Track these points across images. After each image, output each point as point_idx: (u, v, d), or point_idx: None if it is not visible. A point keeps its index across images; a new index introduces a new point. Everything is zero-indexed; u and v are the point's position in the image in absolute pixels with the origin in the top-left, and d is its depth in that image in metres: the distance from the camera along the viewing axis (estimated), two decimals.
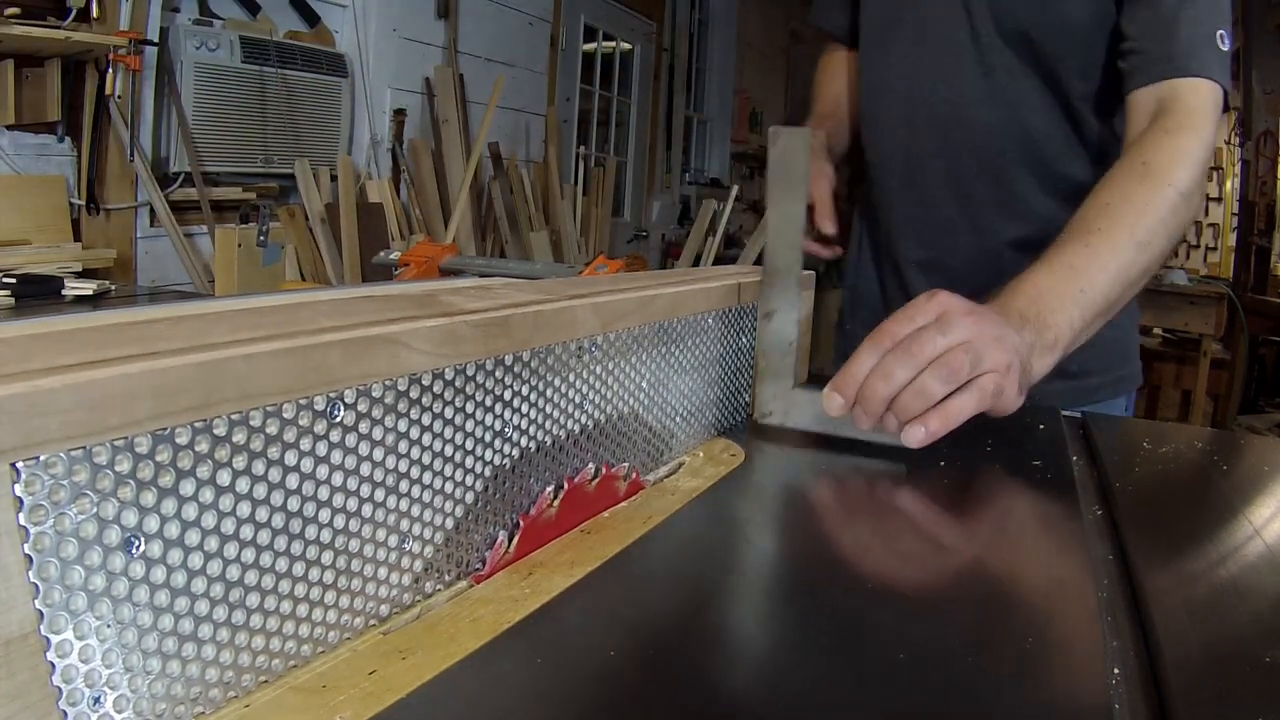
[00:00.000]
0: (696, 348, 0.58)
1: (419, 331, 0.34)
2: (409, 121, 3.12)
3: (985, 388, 0.55)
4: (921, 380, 0.54)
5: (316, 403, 0.30)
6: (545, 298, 0.43)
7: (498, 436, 0.40)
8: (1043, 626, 0.37)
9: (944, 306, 0.57)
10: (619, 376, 0.49)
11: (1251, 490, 0.60)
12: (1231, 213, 5.26)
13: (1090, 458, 0.65)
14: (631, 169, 5.01)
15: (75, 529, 0.24)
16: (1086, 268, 0.67)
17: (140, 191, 2.30)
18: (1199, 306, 3.31)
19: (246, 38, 2.46)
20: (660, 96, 5.12)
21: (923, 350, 0.55)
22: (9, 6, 1.83)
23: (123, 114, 2.15)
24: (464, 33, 3.33)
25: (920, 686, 0.31)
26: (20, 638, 0.23)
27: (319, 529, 0.31)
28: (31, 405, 0.22)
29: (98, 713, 0.25)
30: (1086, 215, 0.71)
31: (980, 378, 0.55)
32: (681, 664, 0.32)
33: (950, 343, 0.55)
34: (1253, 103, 4.93)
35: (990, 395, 0.56)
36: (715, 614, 0.37)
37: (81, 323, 0.39)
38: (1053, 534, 0.49)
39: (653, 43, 4.99)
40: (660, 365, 0.54)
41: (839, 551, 0.46)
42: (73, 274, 1.81)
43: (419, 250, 1.09)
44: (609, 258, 1.08)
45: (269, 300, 0.51)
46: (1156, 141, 0.74)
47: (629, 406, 0.51)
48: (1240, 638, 0.36)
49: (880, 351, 0.56)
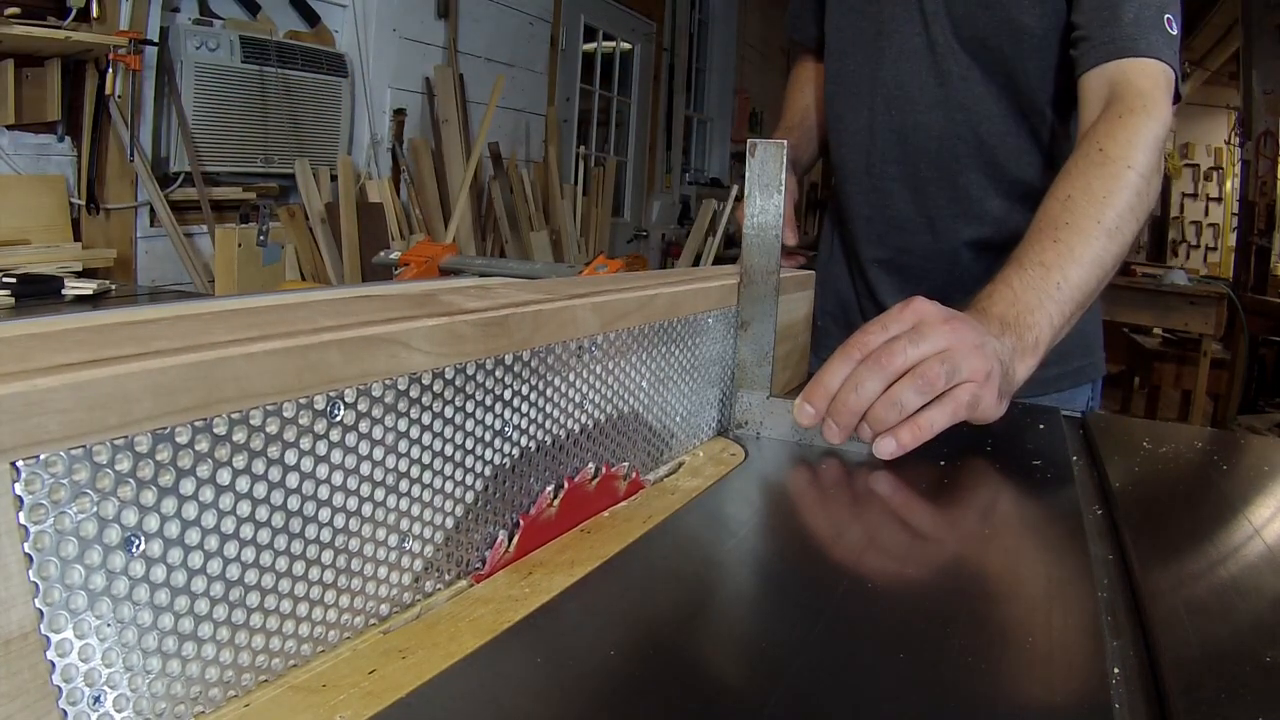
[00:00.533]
0: (696, 348, 0.58)
1: (419, 331, 0.34)
2: (409, 121, 3.12)
3: (960, 399, 0.55)
4: (894, 391, 0.54)
5: (316, 402, 0.30)
6: (545, 297, 0.43)
7: (498, 436, 0.40)
8: (1043, 626, 0.37)
9: (920, 315, 0.56)
10: (619, 376, 0.49)
11: (1251, 490, 0.60)
12: (1231, 213, 5.26)
13: (1090, 458, 0.65)
14: (631, 169, 5.01)
15: (75, 528, 0.24)
16: (1059, 263, 0.66)
17: (140, 191, 2.30)
18: (1199, 306, 3.31)
19: (246, 38, 2.46)
20: (660, 96, 5.13)
21: (893, 361, 0.54)
22: (9, 6, 1.83)
23: (123, 114, 2.15)
24: (464, 33, 3.33)
25: (920, 686, 0.31)
26: (20, 636, 0.23)
27: (319, 528, 0.31)
28: (31, 404, 0.22)
29: (97, 712, 0.25)
30: (1051, 210, 0.71)
31: (956, 388, 0.55)
32: (681, 663, 0.32)
33: (924, 353, 0.54)
34: (1253, 103, 4.92)
35: (965, 406, 0.55)
36: (715, 613, 0.37)
37: (81, 323, 0.39)
38: (1053, 534, 0.49)
39: (653, 43, 4.99)
40: (660, 365, 0.54)
41: (838, 551, 0.46)
42: (73, 274, 1.81)
43: (419, 250, 1.09)
44: (609, 258, 1.09)
45: (269, 300, 0.51)
46: (1110, 128, 0.73)
47: (629, 406, 0.51)
48: (1240, 638, 0.36)
49: (851, 362, 0.56)
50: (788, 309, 0.73)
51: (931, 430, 0.55)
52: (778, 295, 0.62)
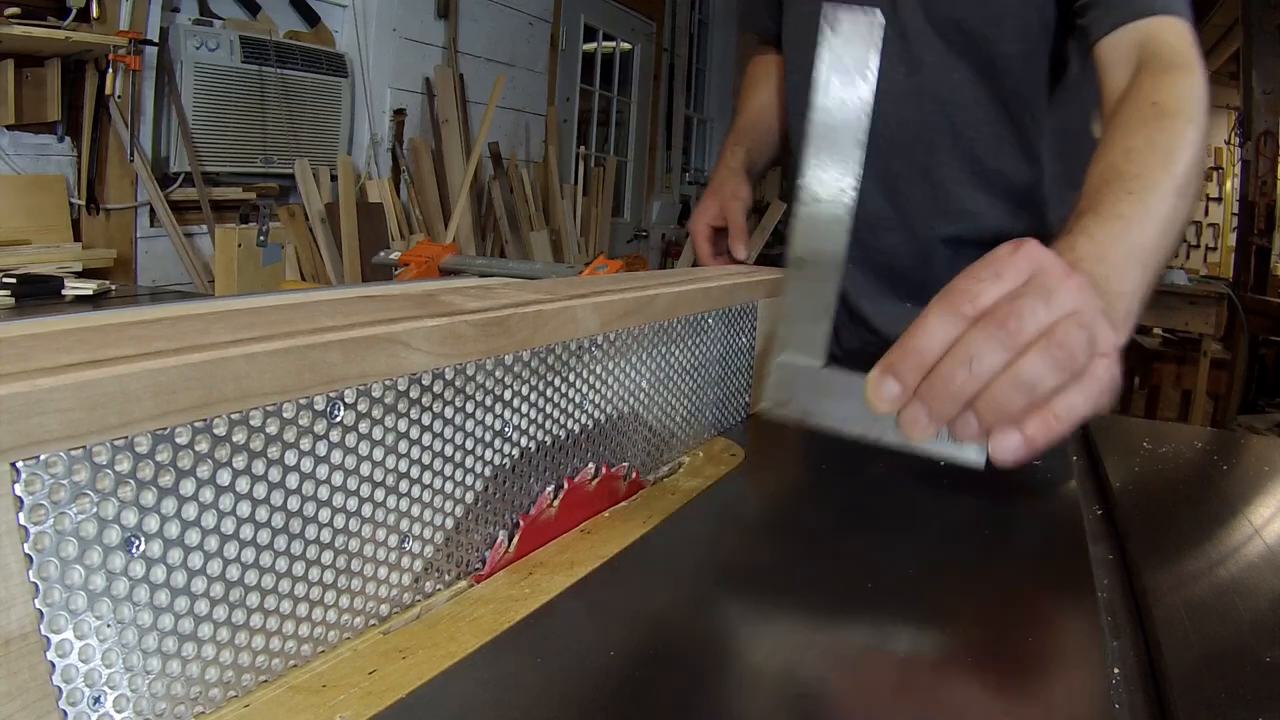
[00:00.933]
0: (696, 348, 0.58)
1: (419, 331, 0.34)
2: (409, 121, 3.12)
3: (1101, 379, 0.40)
4: (1023, 367, 0.38)
5: (316, 402, 0.30)
6: (545, 297, 0.43)
7: (498, 436, 0.40)
8: (1043, 626, 0.37)
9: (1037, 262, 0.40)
10: (619, 376, 0.49)
11: (1251, 490, 0.60)
12: (1231, 213, 5.26)
13: (1090, 458, 0.65)
14: (631, 169, 5.01)
15: (75, 528, 0.24)
16: (1138, 218, 0.54)
17: (140, 191, 2.30)
18: (1199, 306, 3.31)
19: (246, 38, 2.46)
20: (660, 96, 5.13)
21: (1023, 325, 0.38)
22: (9, 6, 1.83)
23: (123, 114, 2.15)
24: (464, 33, 3.33)
25: (920, 686, 0.31)
26: (20, 637, 0.23)
27: (319, 529, 0.31)
28: (31, 405, 0.22)
29: (97, 712, 0.25)
30: (1114, 162, 0.59)
31: (1094, 365, 0.40)
32: (681, 663, 0.32)
33: (1056, 315, 0.39)
34: (1253, 103, 4.92)
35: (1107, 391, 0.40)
36: (715, 614, 0.37)
37: (81, 323, 0.39)
38: (1053, 534, 0.49)
39: (653, 43, 4.99)
40: (660, 365, 0.54)
41: (838, 551, 0.46)
42: (73, 274, 1.81)
43: (419, 250, 1.10)
44: (609, 258, 1.09)
45: (269, 300, 0.51)
46: (1158, 83, 0.65)
47: (629, 406, 0.51)
48: (1240, 638, 0.36)
49: (960, 320, 0.39)
50: None
51: (1071, 422, 0.39)
52: (850, 223, 0.44)
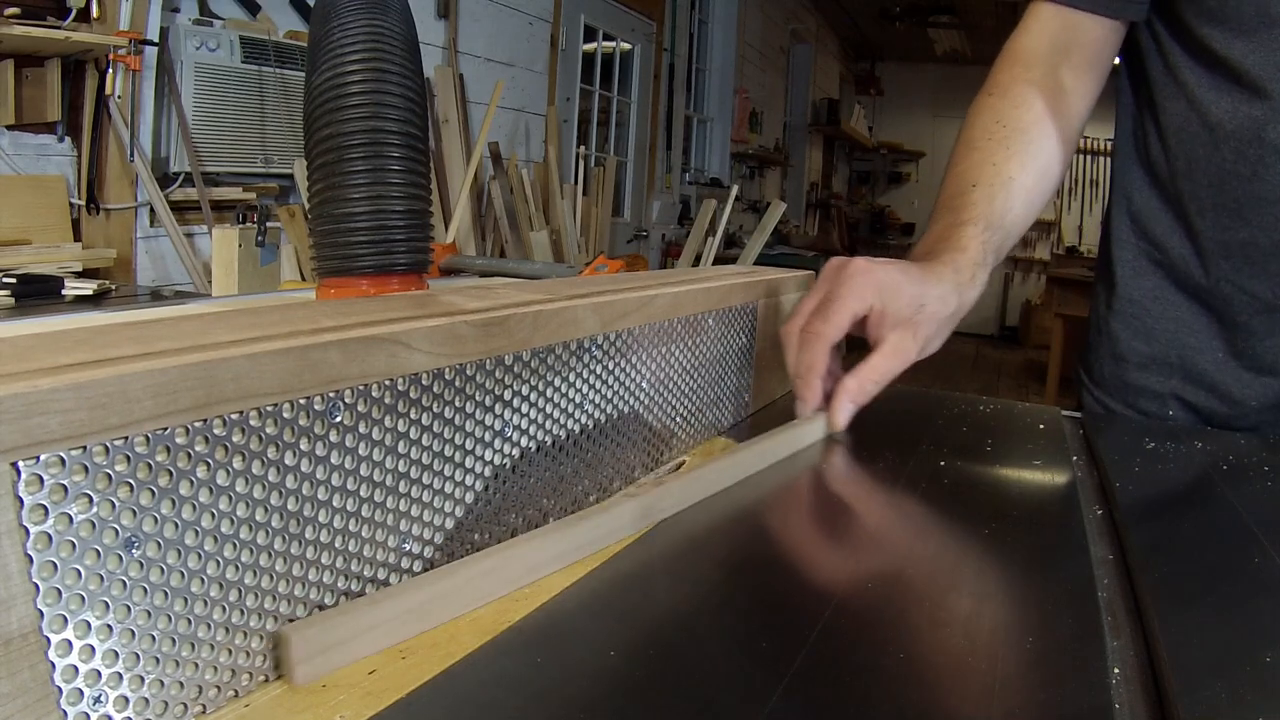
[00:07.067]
0: (696, 348, 0.58)
1: (418, 331, 0.34)
2: None
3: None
4: None
5: (315, 403, 0.30)
6: (545, 297, 0.43)
7: (498, 437, 0.40)
8: (1043, 626, 0.37)
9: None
10: (619, 376, 0.49)
11: (1252, 490, 0.60)
12: None
13: (1090, 458, 0.65)
14: (631, 169, 5.01)
15: (75, 529, 0.24)
16: None
17: (140, 191, 2.30)
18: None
19: (246, 38, 2.46)
20: (660, 96, 5.12)
21: None
22: (9, 6, 1.83)
23: (123, 114, 2.15)
24: (464, 33, 3.33)
25: (920, 686, 0.31)
26: (20, 637, 0.23)
27: (318, 529, 0.31)
28: (32, 405, 0.22)
29: (97, 712, 0.25)
30: None
31: None
32: (681, 663, 0.32)
33: None
34: None
35: None
36: (715, 613, 0.37)
37: (81, 323, 0.39)
38: (1053, 534, 0.49)
39: (653, 43, 4.99)
40: (660, 365, 0.54)
41: (838, 551, 0.46)
42: (73, 274, 1.81)
43: None
44: (609, 258, 1.08)
45: (268, 300, 0.51)
46: None
47: (629, 407, 0.51)
48: (1240, 638, 0.36)
49: None
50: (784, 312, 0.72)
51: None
52: None
